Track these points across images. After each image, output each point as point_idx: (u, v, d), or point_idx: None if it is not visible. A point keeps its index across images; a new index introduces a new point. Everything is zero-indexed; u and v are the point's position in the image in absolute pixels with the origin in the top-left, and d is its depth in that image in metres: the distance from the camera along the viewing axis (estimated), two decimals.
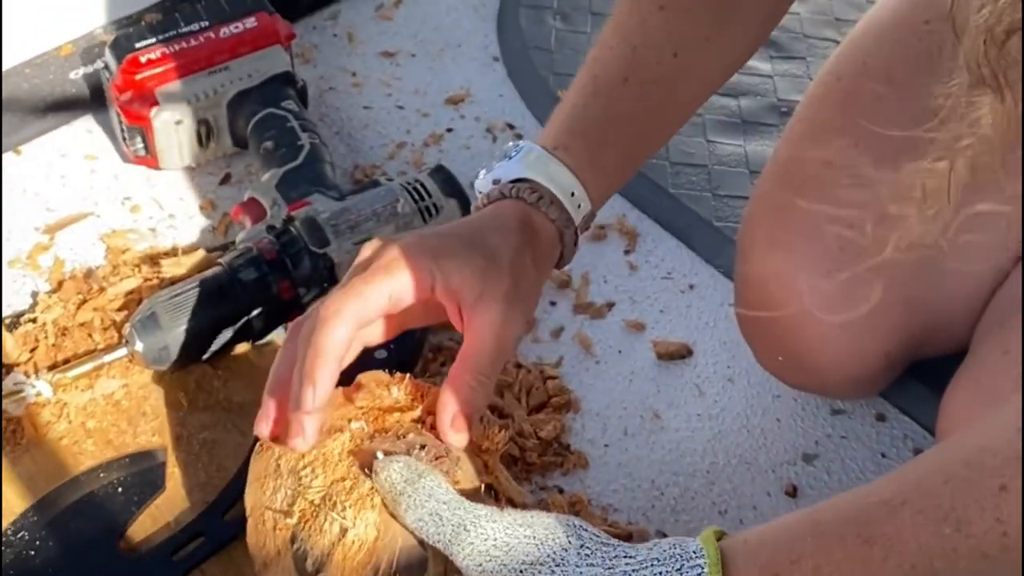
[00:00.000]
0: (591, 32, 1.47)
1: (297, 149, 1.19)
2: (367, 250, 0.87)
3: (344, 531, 0.80)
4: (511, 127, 1.36)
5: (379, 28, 1.47)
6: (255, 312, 1.05)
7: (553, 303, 1.18)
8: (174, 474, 1.00)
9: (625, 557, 0.74)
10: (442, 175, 1.16)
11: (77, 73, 1.30)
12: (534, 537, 0.75)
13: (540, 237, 0.90)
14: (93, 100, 1.31)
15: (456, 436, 0.84)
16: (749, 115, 1.37)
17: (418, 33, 1.47)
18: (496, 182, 0.92)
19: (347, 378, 0.87)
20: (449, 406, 0.84)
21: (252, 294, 1.05)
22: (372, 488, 0.81)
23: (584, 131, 0.93)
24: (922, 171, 0.77)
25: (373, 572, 0.79)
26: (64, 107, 1.31)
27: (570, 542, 0.75)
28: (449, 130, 1.36)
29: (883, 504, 0.71)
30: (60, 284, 1.14)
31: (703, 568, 0.73)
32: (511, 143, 0.94)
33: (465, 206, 1.14)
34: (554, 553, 0.75)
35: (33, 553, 0.94)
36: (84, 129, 1.32)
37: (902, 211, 0.81)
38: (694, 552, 0.73)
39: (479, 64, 1.44)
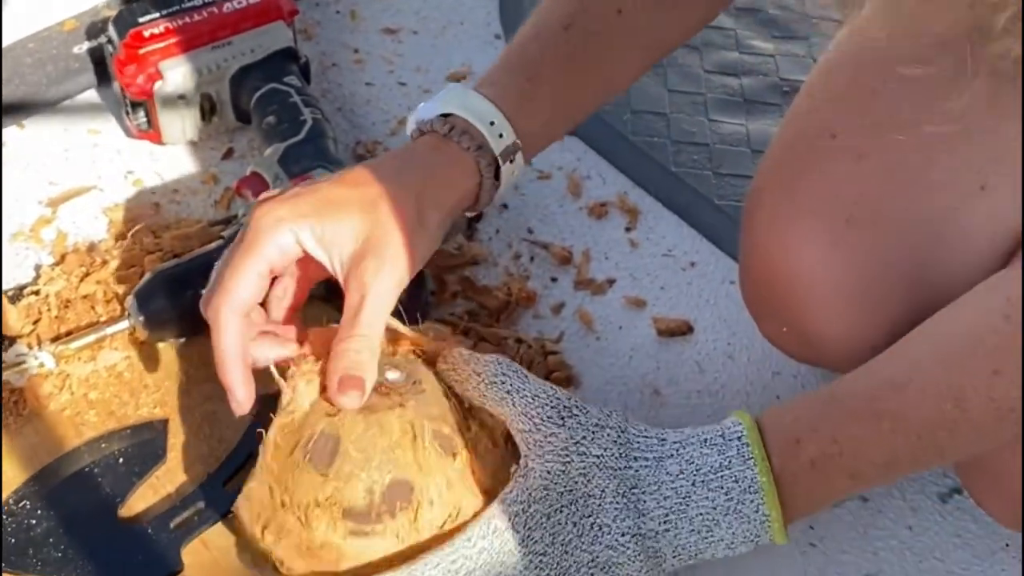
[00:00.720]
0: None
1: (300, 124, 1.19)
2: (249, 215, 0.88)
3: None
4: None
5: (381, 5, 1.47)
6: None
7: (554, 279, 1.18)
8: (175, 445, 1.01)
9: (672, 431, 0.87)
10: None
11: (80, 48, 1.30)
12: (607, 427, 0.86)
13: (446, 172, 0.92)
14: (96, 75, 1.31)
15: (345, 398, 0.84)
16: (751, 94, 1.37)
17: (420, 10, 1.47)
18: (419, 123, 0.95)
19: None
20: (335, 371, 0.85)
21: None
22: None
23: (515, 68, 0.96)
24: None
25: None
26: (67, 82, 1.30)
27: (623, 436, 0.86)
28: None
29: (890, 382, 0.83)
30: (63, 257, 1.14)
31: (742, 431, 0.84)
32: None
33: None
34: (618, 442, 0.85)
35: (34, 522, 0.95)
36: (87, 104, 1.32)
37: None
38: (732, 422, 0.86)
39: (481, 42, 1.44)
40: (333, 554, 0.83)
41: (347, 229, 0.85)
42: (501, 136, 0.93)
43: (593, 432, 0.85)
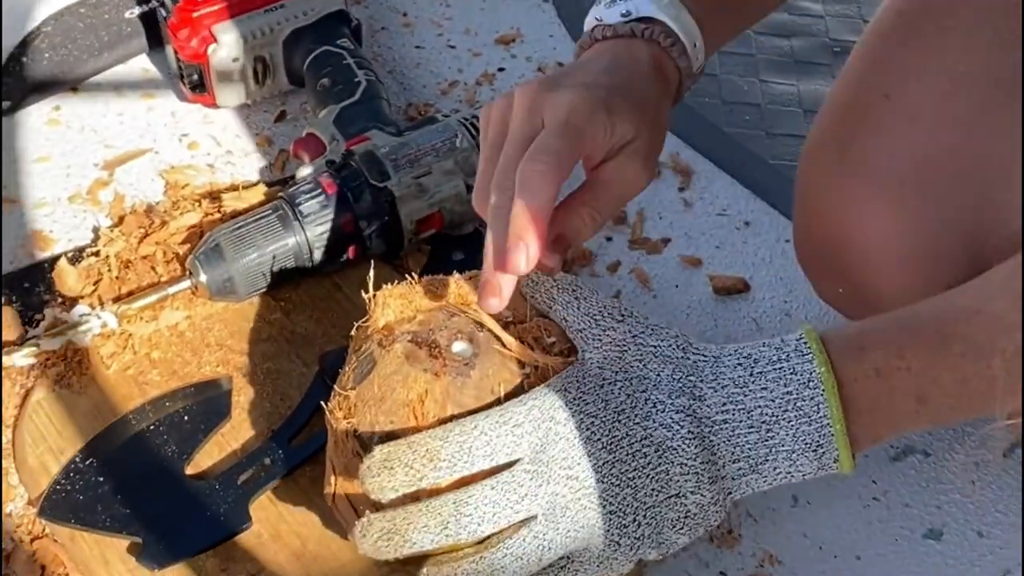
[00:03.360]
0: None
1: (354, 86, 1.20)
2: (507, 104, 0.90)
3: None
4: (562, 66, 1.36)
5: None
6: (316, 244, 1.06)
7: (609, 238, 1.18)
8: (239, 403, 1.01)
9: (732, 344, 0.84)
10: None
11: (132, 12, 1.30)
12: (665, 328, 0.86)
13: (669, 85, 0.94)
14: (149, 39, 1.32)
15: (552, 257, 0.88)
16: (801, 55, 1.37)
17: None
18: (625, 15, 0.95)
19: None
20: (558, 227, 0.88)
21: (313, 226, 1.06)
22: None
23: None
24: None
25: None
26: (120, 46, 1.31)
27: (683, 337, 0.85)
28: (501, 69, 1.36)
29: (961, 309, 0.80)
30: (121, 219, 1.14)
31: (801, 332, 0.82)
32: None
33: None
34: (678, 339, 0.85)
35: (101, 479, 0.95)
36: (140, 67, 1.33)
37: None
38: (794, 337, 0.83)
39: (529, 4, 1.44)
40: (345, 451, 0.85)
41: (631, 128, 0.89)
42: (698, 59, 0.98)
43: (652, 329, 0.85)
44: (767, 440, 0.81)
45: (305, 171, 1.11)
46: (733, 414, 0.82)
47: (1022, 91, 0.90)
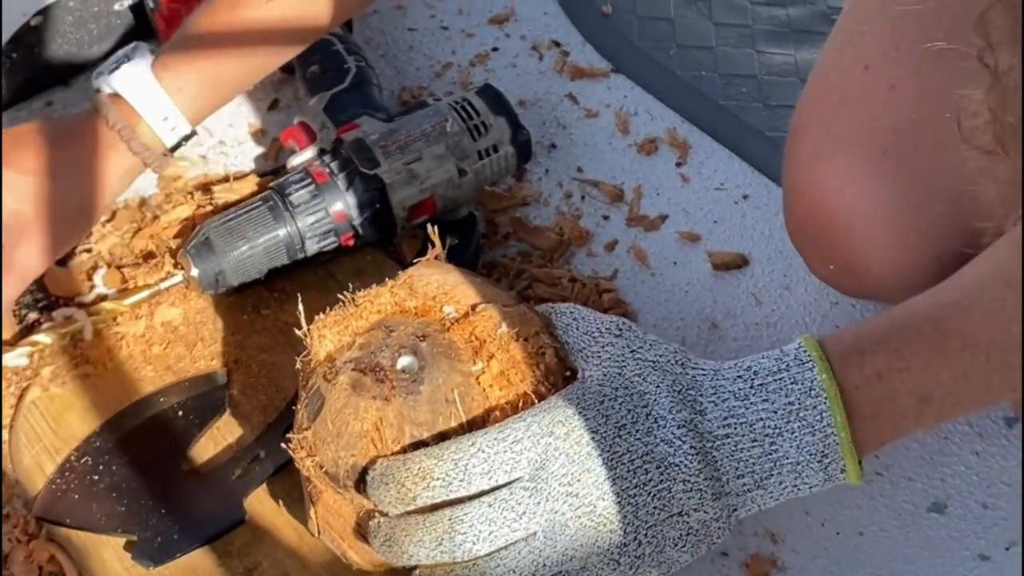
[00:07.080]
0: None
1: (344, 72, 1.18)
2: None
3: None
4: (557, 44, 1.35)
5: None
6: (308, 234, 1.05)
7: (606, 217, 1.17)
8: (234, 396, 1.01)
9: (731, 359, 0.85)
10: (489, 93, 1.15)
11: (122, 4, 1.29)
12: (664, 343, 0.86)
13: (109, 161, 1.00)
14: (138, 31, 1.31)
15: None
16: (798, 24, 1.36)
17: None
18: (97, 91, 1.02)
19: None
20: None
21: (304, 216, 1.05)
22: None
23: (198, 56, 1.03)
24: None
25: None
26: (109, 39, 1.30)
27: (682, 352, 0.85)
28: (495, 49, 1.35)
29: (954, 305, 0.80)
30: (114, 214, 1.14)
31: (800, 342, 0.82)
32: (132, 45, 1.03)
33: (513, 123, 1.13)
34: (677, 353, 0.84)
35: (97, 477, 0.95)
36: None
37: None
38: (793, 346, 0.83)
39: None
40: (317, 486, 0.84)
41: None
42: (174, 129, 1.02)
43: (650, 344, 0.84)
44: (771, 454, 0.80)
45: (295, 160, 1.11)
46: (735, 428, 0.80)
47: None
